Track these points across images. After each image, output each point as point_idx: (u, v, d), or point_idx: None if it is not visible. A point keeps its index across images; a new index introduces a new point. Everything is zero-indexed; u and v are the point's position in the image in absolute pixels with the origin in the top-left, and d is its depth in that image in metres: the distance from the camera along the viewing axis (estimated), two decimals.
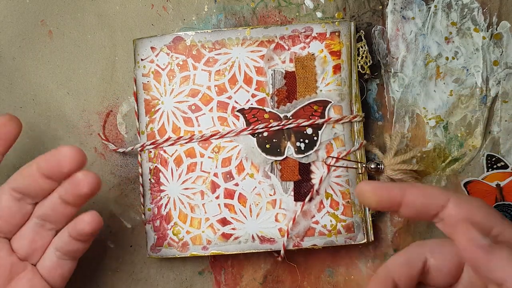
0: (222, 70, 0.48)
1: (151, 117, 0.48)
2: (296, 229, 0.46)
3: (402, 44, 0.49)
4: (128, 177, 0.51)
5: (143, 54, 0.48)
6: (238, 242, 0.47)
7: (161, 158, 0.48)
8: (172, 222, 0.47)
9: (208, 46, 0.48)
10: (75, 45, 0.51)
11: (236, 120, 0.47)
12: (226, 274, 0.50)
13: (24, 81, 0.51)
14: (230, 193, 0.47)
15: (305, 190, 0.47)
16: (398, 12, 0.49)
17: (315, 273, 0.50)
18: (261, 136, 0.47)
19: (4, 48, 0.51)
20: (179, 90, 0.48)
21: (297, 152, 0.46)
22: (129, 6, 0.50)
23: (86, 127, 0.51)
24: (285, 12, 0.49)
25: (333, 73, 0.47)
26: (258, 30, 0.47)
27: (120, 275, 0.51)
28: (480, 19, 0.48)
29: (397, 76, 0.49)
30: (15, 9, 0.51)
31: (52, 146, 0.51)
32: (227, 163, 0.47)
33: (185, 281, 0.51)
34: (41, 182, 0.41)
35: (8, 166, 0.51)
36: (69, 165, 0.39)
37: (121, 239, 0.51)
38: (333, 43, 0.47)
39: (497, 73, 0.48)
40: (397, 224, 0.49)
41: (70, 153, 0.39)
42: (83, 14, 0.51)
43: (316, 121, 0.46)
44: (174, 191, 0.48)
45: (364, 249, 0.50)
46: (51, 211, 0.42)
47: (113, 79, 0.51)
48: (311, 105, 0.47)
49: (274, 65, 0.47)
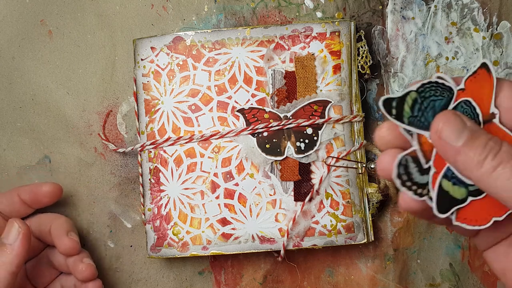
0: (222, 70, 0.47)
1: (151, 117, 0.48)
2: (296, 229, 0.46)
3: (402, 44, 0.49)
4: (128, 177, 0.51)
5: (143, 54, 0.48)
6: (238, 242, 0.47)
7: (161, 158, 0.48)
8: (172, 222, 0.47)
9: (208, 46, 0.47)
10: (75, 45, 0.51)
11: (236, 120, 0.47)
12: (226, 274, 0.50)
13: (23, 80, 0.51)
14: (230, 193, 0.47)
15: (305, 190, 0.47)
16: (398, 12, 0.49)
17: (315, 273, 0.50)
18: (261, 136, 0.47)
19: (4, 48, 0.51)
20: (179, 90, 0.48)
21: (297, 152, 0.46)
22: (129, 6, 0.50)
23: (86, 127, 0.51)
24: (285, 12, 0.49)
25: (333, 73, 0.47)
26: (258, 30, 0.47)
27: (120, 275, 0.51)
28: (480, 19, 0.48)
29: (397, 76, 0.49)
30: (15, 9, 0.51)
31: (52, 146, 0.51)
32: (227, 163, 0.47)
33: (185, 281, 0.51)
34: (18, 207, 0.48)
35: (8, 165, 0.51)
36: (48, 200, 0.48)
37: (121, 239, 0.51)
38: (333, 43, 0.47)
39: (497, 73, 0.48)
40: (397, 224, 0.49)
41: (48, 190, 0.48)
42: (83, 14, 0.51)
43: (316, 121, 0.46)
44: (174, 191, 0.48)
45: (364, 249, 0.50)
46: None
47: (113, 79, 0.50)
48: (311, 105, 0.47)
49: (274, 65, 0.47)
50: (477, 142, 0.30)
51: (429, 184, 0.34)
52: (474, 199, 0.34)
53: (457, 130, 0.31)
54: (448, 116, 0.32)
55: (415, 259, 0.50)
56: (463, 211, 0.35)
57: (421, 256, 0.50)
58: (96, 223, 0.51)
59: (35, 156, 0.51)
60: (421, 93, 0.34)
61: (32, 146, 0.51)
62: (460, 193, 0.34)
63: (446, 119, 0.32)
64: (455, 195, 0.34)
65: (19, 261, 0.41)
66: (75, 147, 0.51)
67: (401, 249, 0.50)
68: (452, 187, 0.34)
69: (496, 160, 0.30)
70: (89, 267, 0.46)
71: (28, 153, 0.51)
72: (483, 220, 0.34)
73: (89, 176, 0.51)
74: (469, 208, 0.35)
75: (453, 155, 0.31)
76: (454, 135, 0.31)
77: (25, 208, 0.47)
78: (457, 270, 0.50)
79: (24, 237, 0.42)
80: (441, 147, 0.32)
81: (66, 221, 0.48)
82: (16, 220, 0.42)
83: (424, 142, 0.34)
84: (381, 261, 0.50)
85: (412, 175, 0.34)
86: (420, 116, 0.34)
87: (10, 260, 0.41)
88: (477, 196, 0.34)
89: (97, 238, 0.51)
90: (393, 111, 0.33)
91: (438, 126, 0.32)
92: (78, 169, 0.51)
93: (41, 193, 0.47)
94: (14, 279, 0.41)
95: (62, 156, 0.51)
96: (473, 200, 0.34)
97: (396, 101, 0.33)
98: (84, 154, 0.51)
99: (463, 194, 0.34)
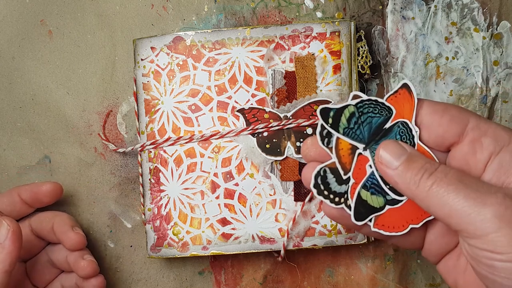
0: (222, 70, 0.47)
1: (151, 117, 0.48)
2: (296, 229, 0.46)
3: (402, 44, 0.49)
4: (128, 177, 0.51)
5: (143, 54, 0.48)
6: (238, 242, 0.47)
7: (161, 158, 0.48)
8: (172, 222, 0.47)
9: (208, 46, 0.47)
10: (75, 45, 0.51)
11: (236, 120, 0.47)
12: (226, 274, 0.50)
13: (23, 80, 0.51)
14: (230, 193, 0.47)
15: (305, 190, 0.47)
16: (398, 12, 0.49)
17: (315, 273, 0.50)
18: (261, 136, 0.47)
19: (4, 48, 0.51)
20: (179, 90, 0.48)
21: (297, 152, 0.46)
22: (129, 6, 0.50)
23: (86, 127, 0.51)
24: (285, 12, 0.49)
25: (333, 73, 0.47)
26: (258, 30, 0.47)
27: (120, 275, 0.51)
28: (480, 19, 0.48)
29: (397, 76, 0.49)
30: (15, 9, 0.51)
31: (52, 146, 0.51)
32: (227, 163, 0.47)
33: (185, 281, 0.51)
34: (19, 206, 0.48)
35: (8, 165, 0.51)
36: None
37: (121, 239, 0.51)
38: (333, 43, 0.47)
39: (497, 73, 0.48)
40: None
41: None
42: (83, 14, 0.51)
43: (316, 121, 0.46)
44: (174, 191, 0.48)
45: (364, 249, 0.50)
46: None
47: (113, 79, 0.50)
48: (311, 105, 0.47)
49: (274, 65, 0.47)
50: (414, 164, 0.33)
51: (348, 193, 0.37)
52: (391, 207, 0.37)
53: (395, 154, 0.34)
54: (387, 143, 0.35)
55: (415, 259, 0.50)
56: (381, 219, 0.37)
57: (421, 256, 0.50)
58: (96, 223, 0.51)
59: (35, 156, 0.51)
60: (360, 108, 0.36)
61: (32, 146, 0.51)
62: (378, 202, 0.37)
63: (385, 145, 0.35)
64: (373, 204, 0.37)
65: (11, 260, 0.41)
66: (75, 147, 0.51)
67: (401, 249, 0.50)
68: (371, 196, 0.37)
69: (430, 180, 0.32)
70: (91, 264, 0.46)
71: (28, 153, 0.51)
72: (400, 227, 0.37)
73: (89, 176, 0.51)
74: (387, 216, 0.37)
75: (392, 177, 0.34)
76: (393, 158, 0.34)
77: (26, 208, 0.48)
78: None
79: (14, 234, 0.41)
80: (382, 171, 0.35)
81: (68, 217, 0.48)
82: (4, 218, 0.42)
83: (343, 155, 0.37)
84: (381, 261, 0.50)
85: (330, 185, 0.37)
86: (355, 129, 0.36)
87: (1, 259, 0.41)
88: (395, 205, 0.36)
89: (97, 238, 0.51)
90: (329, 120, 0.36)
91: (378, 152, 0.35)
92: (78, 169, 0.51)
93: (41, 193, 0.47)
94: (8, 278, 0.41)
95: (62, 156, 0.51)
96: (391, 209, 0.37)
97: (333, 112, 0.36)
98: (84, 154, 0.51)
99: (381, 203, 0.37)
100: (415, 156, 0.34)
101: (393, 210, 0.37)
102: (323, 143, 0.36)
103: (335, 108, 0.36)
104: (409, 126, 0.36)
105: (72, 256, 0.46)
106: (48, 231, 0.47)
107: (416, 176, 0.33)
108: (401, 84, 0.36)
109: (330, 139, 0.37)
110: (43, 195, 0.47)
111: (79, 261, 0.46)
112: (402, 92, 0.36)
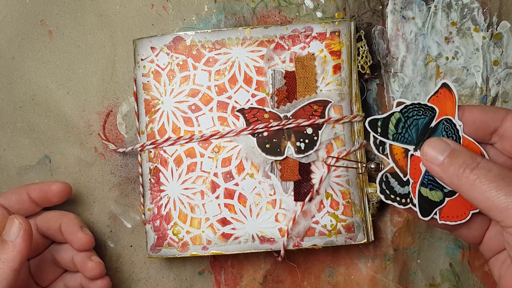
0: (222, 70, 0.47)
1: (151, 117, 0.48)
2: (296, 229, 0.46)
3: (402, 44, 0.49)
4: (128, 177, 0.51)
5: (143, 54, 0.48)
6: (238, 242, 0.47)
7: (161, 158, 0.48)
8: (172, 222, 0.47)
9: (208, 46, 0.47)
10: (75, 45, 0.51)
11: (236, 120, 0.47)
12: (226, 274, 0.50)
13: (23, 80, 0.51)
14: (230, 193, 0.47)
15: (305, 190, 0.47)
16: (398, 12, 0.49)
17: (315, 273, 0.50)
18: (261, 136, 0.47)
19: (4, 48, 0.51)
20: (179, 90, 0.48)
21: (297, 152, 0.46)
22: (129, 6, 0.50)
23: (86, 127, 0.51)
24: (285, 12, 0.49)
25: (333, 73, 0.47)
26: (258, 30, 0.47)
27: (120, 275, 0.51)
28: (480, 19, 0.48)
29: (397, 76, 0.49)
30: (15, 9, 0.51)
31: (52, 146, 0.51)
32: (227, 163, 0.47)
33: (185, 281, 0.51)
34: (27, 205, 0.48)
35: (8, 165, 0.51)
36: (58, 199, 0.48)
37: (121, 239, 0.51)
38: (333, 43, 0.47)
39: (497, 73, 0.48)
40: (397, 224, 0.49)
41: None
42: (83, 14, 0.51)
43: (316, 121, 0.46)
44: (174, 191, 0.48)
45: (364, 249, 0.50)
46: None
47: (113, 79, 0.50)
48: (311, 105, 0.47)
49: (274, 65, 0.47)
50: (456, 160, 0.36)
51: (410, 193, 0.40)
52: (450, 198, 0.39)
53: (439, 150, 0.37)
54: (431, 140, 0.38)
55: (415, 259, 0.50)
56: (445, 211, 0.40)
57: (421, 256, 0.50)
58: (96, 223, 0.51)
59: (35, 156, 0.51)
60: (404, 113, 0.39)
61: (32, 146, 0.51)
62: (437, 196, 0.40)
63: (429, 143, 0.37)
64: (433, 199, 0.40)
65: (21, 258, 0.41)
66: (75, 147, 0.51)
67: (401, 249, 0.50)
68: (430, 192, 0.40)
69: (473, 175, 0.35)
70: (98, 265, 0.46)
71: (28, 153, 0.51)
72: (462, 215, 0.39)
73: (89, 176, 0.51)
74: (448, 207, 0.40)
75: (437, 172, 0.37)
76: (437, 154, 0.37)
77: (34, 207, 0.47)
78: (457, 270, 0.50)
79: (26, 233, 0.42)
80: (428, 167, 0.37)
81: (76, 217, 0.48)
82: (16, 217, 0.42)
83: (399, 159, 0.40)
84: (381, 261, 0.50)
85: (394, 188, 0.40)
86: (404, 133, 0.39)
87: (12, 257, 0.41)
88: (452, 196, 0.39)
89: (97, 238, 0.51)
90: (378, 130, 0.39)
91: (423, 149, 0.37)
92: (78, 169, 0.51)
93: (51, 192, 0.47)
94: (16, 276, 0.41)
95: (62, 156, 0.51)
96: (450, 200, 0.39)
97: (381, 121, 0.39)
98: (84, 154, 0.51)
99: (440, 197, 0.40)
100: (458, 151, 0.36)
101: (452, 201, 0.39)
102: (378, 151, 0.40)
103: (382, 117, 0.39)
104: (452, 121, 0.39)
105: (79, 256, 0.46)
106: (54, 230, 0.47)
107: (459, 170, 0.35)
108: (440, 84, 0.39)
109: (384, 146, 0.40)
110: (53, 195, 0.47)
111: (87, 262, 0.46)
112: (442, 92, 0.39)
